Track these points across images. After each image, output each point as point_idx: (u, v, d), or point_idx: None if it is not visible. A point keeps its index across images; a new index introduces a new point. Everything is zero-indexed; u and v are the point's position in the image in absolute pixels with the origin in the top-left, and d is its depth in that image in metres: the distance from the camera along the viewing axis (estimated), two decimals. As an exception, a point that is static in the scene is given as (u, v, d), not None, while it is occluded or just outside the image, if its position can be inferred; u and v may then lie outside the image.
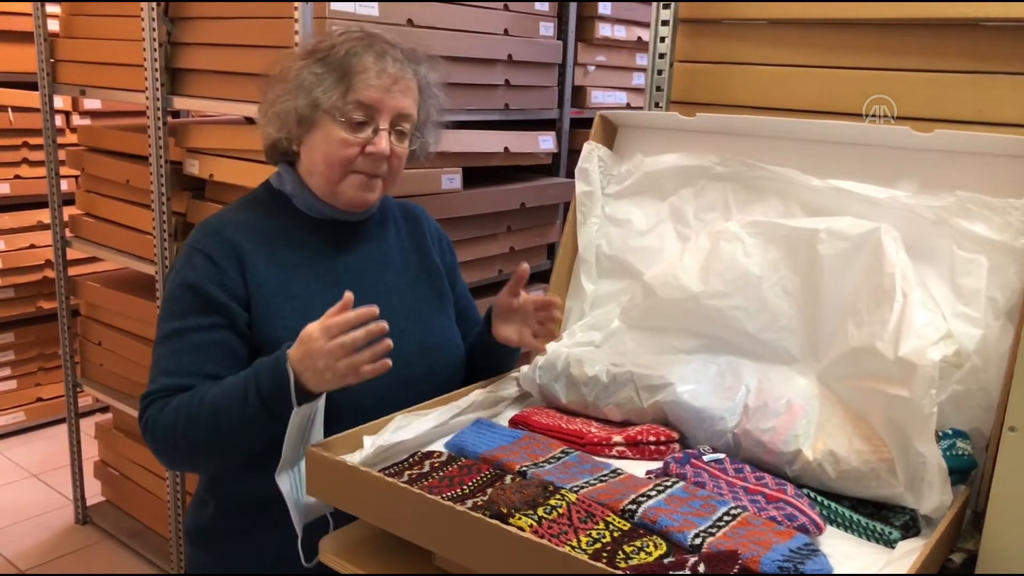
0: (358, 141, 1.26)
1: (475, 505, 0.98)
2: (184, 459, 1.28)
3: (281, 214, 1.33)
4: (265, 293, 1.26)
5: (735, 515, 1.00)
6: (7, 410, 3.60)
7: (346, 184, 1.28)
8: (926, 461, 1.00)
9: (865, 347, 1.09)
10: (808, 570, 0.89)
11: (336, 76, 1.25)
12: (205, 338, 1.23)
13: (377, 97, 1.25)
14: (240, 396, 1.16)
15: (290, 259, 1.30)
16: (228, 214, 1.34)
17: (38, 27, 2.68)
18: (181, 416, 1.19)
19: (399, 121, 1.29)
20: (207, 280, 1.24)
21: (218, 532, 1.33)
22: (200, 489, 1.39)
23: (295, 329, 1.21)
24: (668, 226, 1.44)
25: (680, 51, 1.58)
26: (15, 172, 3.46)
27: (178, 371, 1.23)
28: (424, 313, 1.39)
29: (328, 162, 1.27)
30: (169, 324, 1.26)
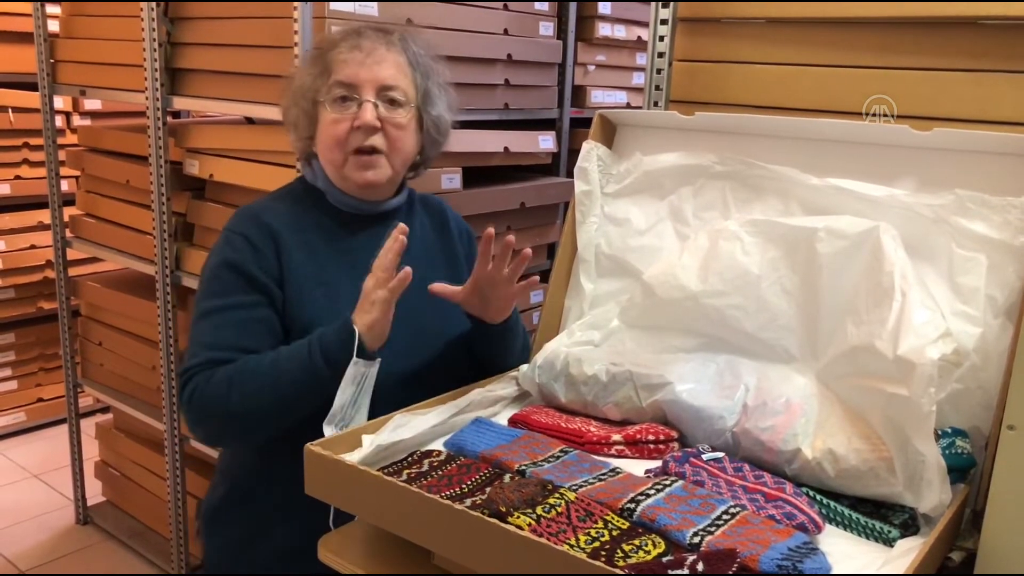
0: (346, 118, 1.30)
1: (474, 504, 0.98)
2: (233, 426, 1.27)
3: (314, 206, 1.39)
4: (298, 278, 1.30)
5: (734, 514, 1.00)
6: (8, 410, 3.60)
7: (348, 167, 1.33)
8: (925, 459, 1.00)
9: (864, 346, 1.09)
10: (807, 569, 0.89)
11: (320, 68, 1.33)
12: (248, 315, 1.27)
13: (352, 72, 1.30)
14: (303, 356, 1.21)
15: (321, 248, 1.35)
16: (265, 203, 1.39)
17: (38, 27, 2.68)
18: (235, 381, 1.22)
19: (384, 92, 1.31)
20: (248, 260, 1.28)
21: (233, 516, 1.36)
22: (216, 476, 1.44)
23: (323, 315, 1.29)
24: (667, 225, 1.44)
25: (679, 50, 1.58)
26: (15, 172, 3.47)
27: (221, 345, 1.26)
28: (444, 305, 1.40)
29: (326, 146, 1.33)
30: (211, 301, 1.29)
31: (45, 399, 3.68)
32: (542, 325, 1.49)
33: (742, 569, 0.89)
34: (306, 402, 1.23)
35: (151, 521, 2.84)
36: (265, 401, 1.21)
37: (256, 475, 1.34)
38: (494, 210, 2.51)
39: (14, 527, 2.94)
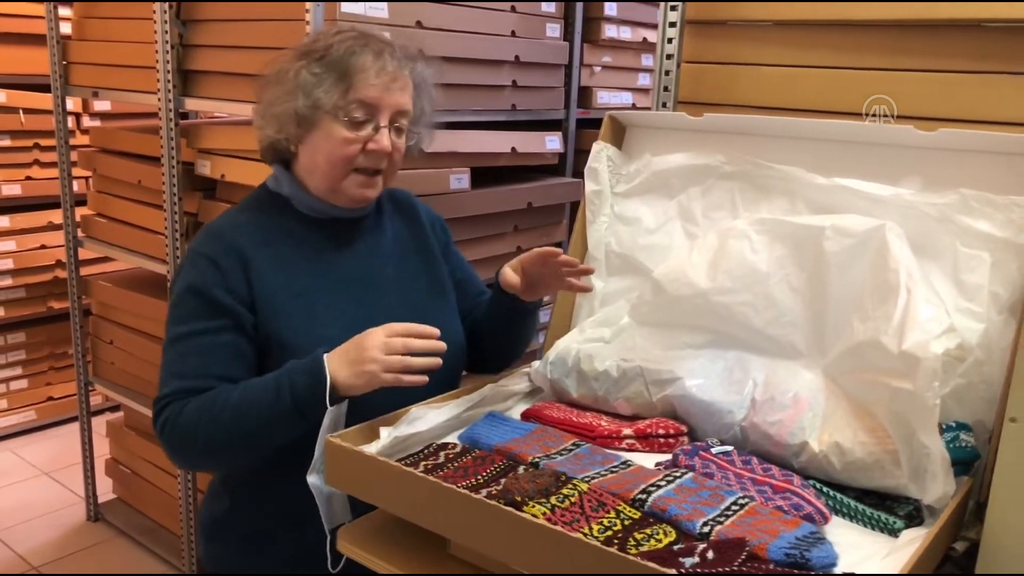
0: (360, 139, 1.28)
1: (489, 494, 1.00)
2: (204, 458, 1.29)
3: (281, 215, 1.34)
4: (269, 293, 1.27)
5: (743, 504, 1.03)
6: (19, 409, 3.63)
7: (348, 182, 1.30)
8: (929, 452, 1.03)
9: (870, 341, 1.12)
10: (814, 557, 0.92)
11: (335, 76, 1.26)
12: (213, 340, 1.25)
13: (377, 95, 1.27)
14: (272, 395, 1.18)
15: (292, 259, 1.31)
16: (229, 217, 1.35)
17: (51, 29, 2.71)
18: (204, 415, 1.20)
19: (398, 118, 1.31)
20: (212, 284, 1.25)
21: (233, 526, 1.35)
22: (215, 483, 1.42)
23: (299, 328, 1.27)
24: (676, 224, 1.47)
25: (687, 52, 1.61)
26: (26, 173, 3.50)
27: (189, 374, 1.24)
28: (425, 304, 1.40)
29: (330, 161, 1.29)
30: (176, 328, 1.27)
31: (55, 398, 3.71)
32: (554, 322, 1.52)
33: (751, 557, 0.91)
34: (276, 436, 1.21)
35: (162, 518, 2.86)
36: (234, 435, 1.20)
37: (260, 488, 1.33)
38: (501, 210, 2.54)
39: (25, 524, 2.97)
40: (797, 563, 0.90)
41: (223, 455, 1.25)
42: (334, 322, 1.29)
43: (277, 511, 1.31)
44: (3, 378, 3.58)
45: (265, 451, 1.24)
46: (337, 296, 1.31)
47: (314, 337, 1.25)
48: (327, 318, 1.29)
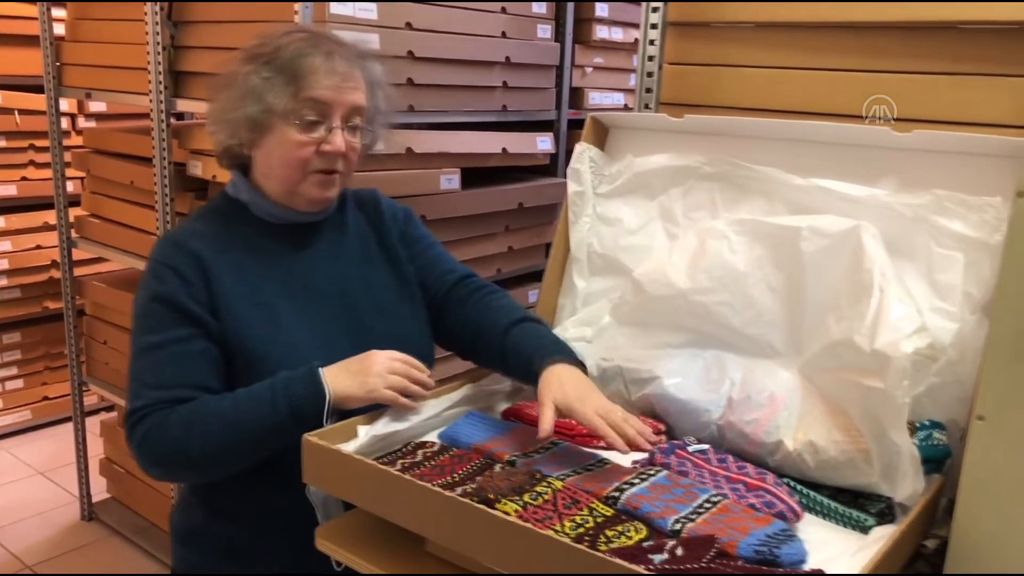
0: (313, 140, 1.25)
1: (464, 492, 1.01)
2: (191, 469, 1.25)
3: (239, 222, 1.32)
4: (231, 301, 1.25)
5: (715, 502, 1.04)
6: (14, 409, 3.64)
7: (305, 185, 1.28)
8: (900, 450, 1.04)
9: (844, 340, 1.13)
10: (783, 554, 0.93)
11: (286, 78, 1.24)
12: (186, 349, 1.22)
13: (329, 95, 1.24)
14: (267, 405, 1.18)
15: (251, 267, 1.29)
16: (188, 226, 1.33)
17: (44, 31, 2.72)
18: (195, 427, 1.18)
19: (351, 116, 1.28)
20: (177, 292, 1.23)
21: (211, 537, 1.34)
22: (185, 493, 1.41)
23: (263, 337, 1.25)
24: (657, 225, 1.48)
25: (670, 53, 1.62)
26: (21, 174, 3.51)
27: (165, 384, 1.21)
28: (390, 305, 1.37)
29: (285, 164, 1.27)
30: (146, 338, 1.24)
31: (50, 397, 3.72)
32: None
33: (720, 554, 0.92)
34: (268, 446, 1.20)
35: (155, 517, 2.87)
36: (225, 445, 1.18)
37: (236, 500, 1.31)
38: (492, 210, 2.55)
39: (20, 523, 2.98)
40: (767, 560, 0.91)
41: (212, 465, 1.22)
42: (297, 329, 1.27)
43: (255, 522, 1.30)
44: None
45: (255, 460, 1.22)
46: (299, 302, 1.29)
47: (278, 345, 1.24)
48: (290, 325, 1.27)
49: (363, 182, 2.17)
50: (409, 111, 2.28)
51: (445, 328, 1.41)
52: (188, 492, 1.40)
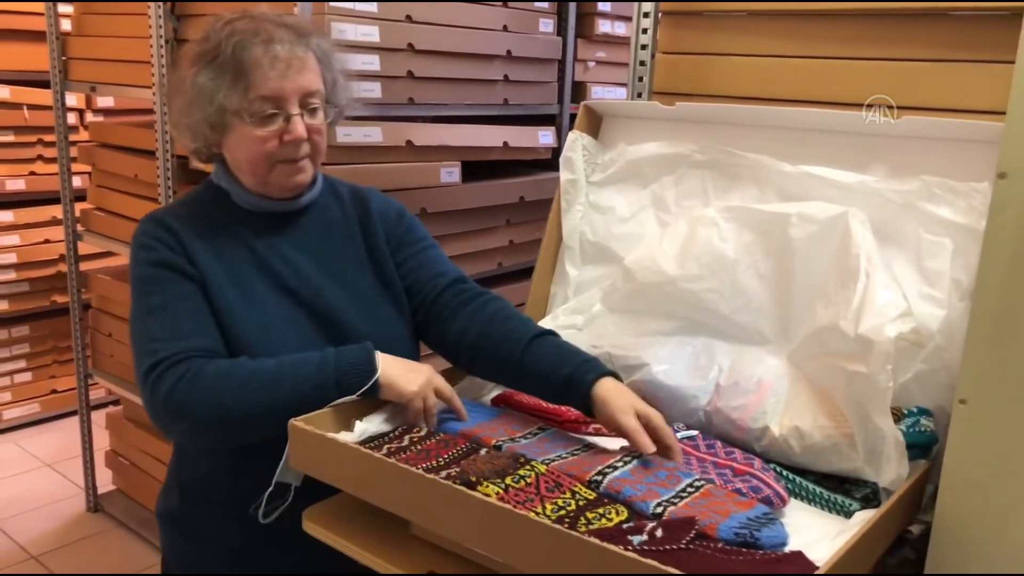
0: (273, 133, 1.23)
1: (448, 475, 1.02)
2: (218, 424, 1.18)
3: (220, 209, 1.32)
4: (209, 276, 1.25)
5: (698, 487, 1.04)
6: (23, 402, 3.68)
7: (275, 175, 1.28)
8: (884, 435, 1.04)
9: (830, 326, 1.13)
10: (763, 537, 0.93)
11: (231, 77, 1.22)
12: (194, 305, 1.22)
13: (277, 85, 1.22)
14: (314, 367, 1.18)
15: (228, 251, 1.29)
16: (169, 208, 1.34)
17: (50, 26, 2.75)
18: (232, 377, 1.16)
19: (307, 100, 1.26)
20: (172, 257, 1.24)
21: (181, 520, 1.36)
22: (169, 476, 1.42)
23: (240, 316, 1.24)
24: (649, 213, 1.48)
25: (663, 43, 1.62)
26: (30, 169, 3.54)
27: (184, 335, 1.19)
28: (370, 303, 1.35)
29: (250, 160, 1.26)
30: (150, 300, 1.23)
31: (59, 391, 3.76)
32: (528, 311, 1.54)
33: (700, 536, 0.92)
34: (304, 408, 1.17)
35: (159, 509, 2.90)
36: (264, 399, 1.16)
37: (204, 481, 1.33)
38: (493, 204, 2.56)
39: (27, 514, 3.01)
40: (747, 543, 0.91)
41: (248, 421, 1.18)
42: (273, 312, 1.27)
43: (218, 509, 1.32)
44: (7, 371, 3.62)
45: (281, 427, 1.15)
46: (273, 290, 1.29)
47: (253, 325, 1.24)
48: (266, 307, 1.26)
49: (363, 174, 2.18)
50: (409, 104, 2.28)
51: (436, 333, 1.37)
52: (169, 475, 1.41)
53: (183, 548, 1.37)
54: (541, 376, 1.23)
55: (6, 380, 3.63)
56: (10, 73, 3.45)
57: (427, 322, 1.38)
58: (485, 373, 1.35)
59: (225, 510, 1.30)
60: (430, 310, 1.37)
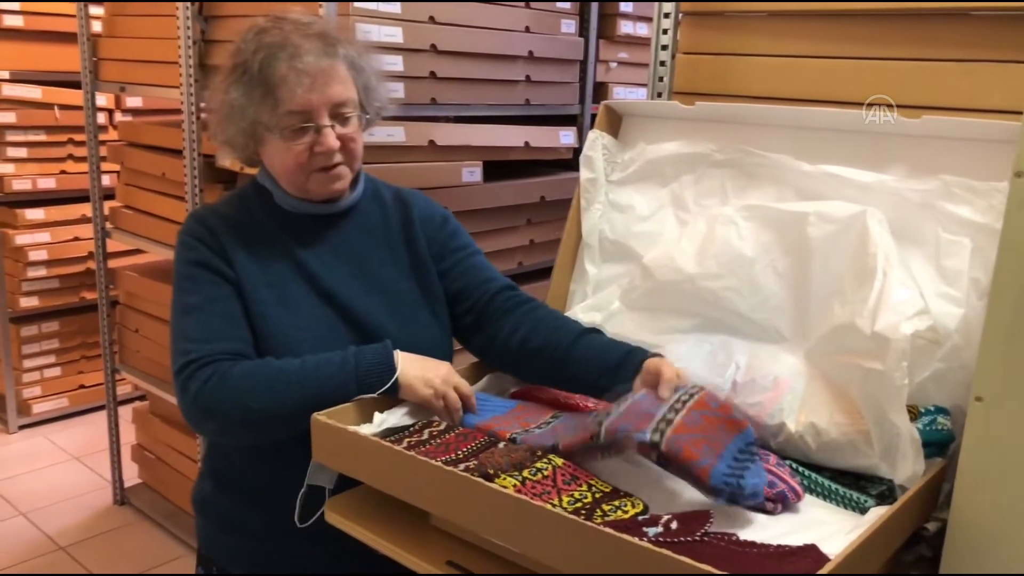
0: (305, 145, 1.25)
1: (467, 468, 1.04)
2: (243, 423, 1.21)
3: (261, 209, 1.34)
4: (245, 276, 1.28)
5: (693, 394, 1.06)
6: (52, 396, 3.75)
7: (312, 184, 1.30)
8: (899, 432, 1.04)
9: (846, 324, 1.13)
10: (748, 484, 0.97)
11: (260, 93, 1.25)
12: (228, 307, 1.26)
13: (305, 99, 1.23)
14: (336, 367, 1.20)
15: (265, 252, 1.31)
16: (212, 206, 1.37)
17: (81, 28, 2.81)
18: (257, 378, 1.19)
19: (337, 109, 1.27)
20: (210, 257, 1.28)
21: (214, 507, 1.40)
22: (203, 465, 1.46)
23: (272, 316, 1.27)
24: (668, 212, 1.49)
25: (683, 43, 1.63)
26: (61, 167, 3.61)
27: (214, 337, 1.23)
28: (405, 308, 1.36)
29: (286, 171, 1.29)
30: (186, 299, 1.27)
31: (86, 386, 3.82)
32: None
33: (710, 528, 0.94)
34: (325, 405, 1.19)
35: (184, 503, 2.94)
36: (286, 400, 1.19)
37: (234, 471, 1.36)
38: (514, 203, 2.57)
39: (55, 506, 3.07)
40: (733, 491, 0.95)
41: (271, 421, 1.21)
42: (305, 314, 1.29)
43: (247, 499, 1.35)
44: (37, 366, 3.69)
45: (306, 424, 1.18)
46: (309, 291, 1.31)
47: (284, 326, 1.27)
48: (298, 309, 1.29)
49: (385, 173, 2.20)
50: (432, 104, 2.31)
51: (486, 336, 1.38)
52: (203, 463, 1.46)
53: (216, 535, 1.41)
54: (590, 361, 1.25)
55: (36, 375, 3.70)
56: (42, 74, 3.52)
57: (476, 326, 1.39)
58: (533, 371, 1.34)
59: (254, 500, 1.34)
60: (481, 314, 1.39)
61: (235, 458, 1.35)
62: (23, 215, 3.50)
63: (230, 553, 1.39)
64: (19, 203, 3.54)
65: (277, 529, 1.27)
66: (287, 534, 1.20)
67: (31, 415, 3.69)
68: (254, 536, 1.35)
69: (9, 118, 3.42)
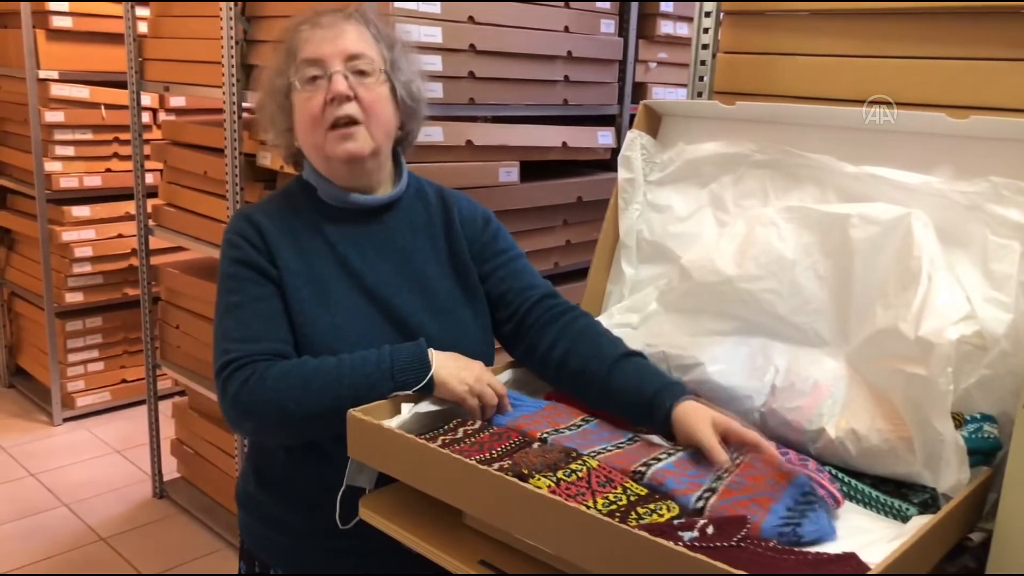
0: (318, 94, 1.27)
1: (501, 468, 1.03)
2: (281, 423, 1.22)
3: (307, 205, 1.36)
4: (288, 274, 1.29)
5: (738, 462, 1.03)
6: (95, 390, 3.82)
7: (328, 144, 1.29)
8: (943, 439, 1.02)
9: (889, 328, 1.11)
10: (806, 532, 0.92)
11: (285, 56, 1.32)
12: (269, 306, 1.27)
13: (316, 47, 1.28)
14: (372, 366, 1.21)
15: (310, 247, 1.32)
16: (259, 204, 1.39)
17: (128, 29, 2.86)
18: (293, 378, 1.20)
19: (352, 60, 1.28)
20: (253, 256, 1.29)
21: (256, 503, 1.41)
22: (245, 461, 1.48)
23: (312, 315, 1.28)
24: (707, 212, 1.47)
25: (724, 42, 1.61)
26: (106, 166, 3.68)
27: (255, 337, 1.24)
28: (446, 307, 1.36)
29: (304, 127, 1.30)
30: (229, 299, 1.29)
31: (128, 380, 3.89)
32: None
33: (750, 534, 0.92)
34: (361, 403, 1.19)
35: (221, 498, 2.98)
36: (323, 400, 1.20)
37: (276, 468, 1.37)
38: (551, 203, 2.57)
39: (96, 498, 3.13)
40: (790, 540, 0.91)
41: (309, 421, 1.21)
42: (345, 312, 1.30)
43: (289, 496, 1.36)
44: (81, 360, 3.77)
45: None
46: (349, 288, 1.32)
47: (323, 324, 1.28)
48: (339, 307, 1.30)
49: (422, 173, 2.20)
50: (470, 104, 2.31)
51: (527, 346, 1.37)
52: (246, 460, 1.47)
53: (258, 530, 1.42)
54: (625, 394, 1.22)
55: (80, 369, 3.77)
56: (89, 74, 3.59)
57: (517, 334, 1.38)
58: (570, 389, 1.32)
59: (296, 497, 1.35)
60: (521, 323, 1.38)
61: (279, 456, 1.35)
62: (69, 212, 3.58)
63: (271, 549, 1.40)
64: (66, 200, 3.61)
65: (318, 527, 1.28)
66: (328, 532, 1.21)
67: (75, 408, 3.76)
68: (295, 533, 1.36)
69: (57, 117, 3.50)
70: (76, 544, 2.84)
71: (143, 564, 2.74)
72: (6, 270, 4.02)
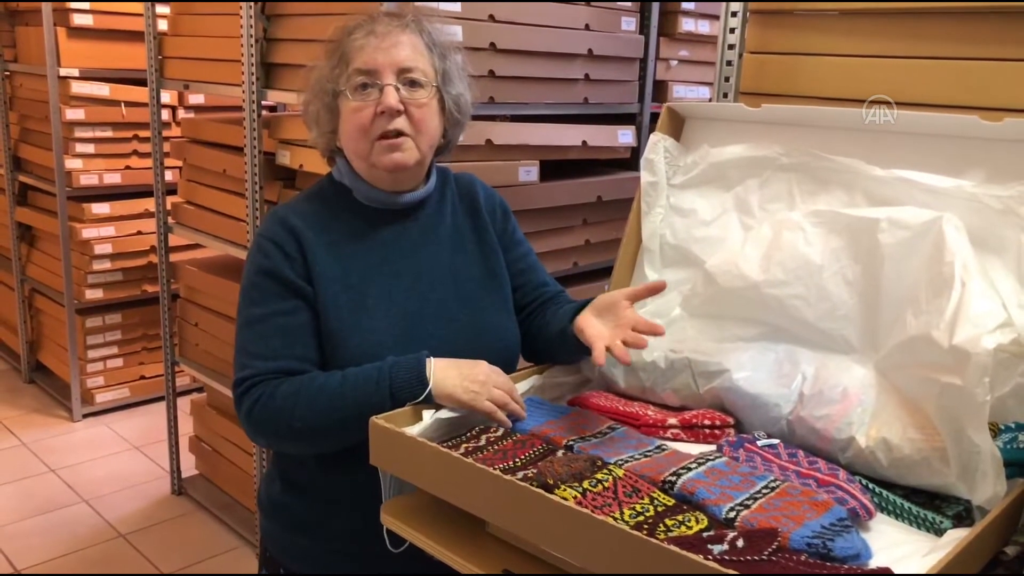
0: (368, 104, 1.27)
1: (525, 477, 1.02)
2: (294, 440, 1.27)
3: (341, 205, 1.36)
4: (324, 282, 1.29)
5: (774, 487, 1.01)
6: (114, 386, 3.84)
7: (375, 154, 1.30)
8: (980, 450, 0.99)
9: (921, 336, 1.09)
10: (837, 548, 0.90)
11: (337, 59, 1.31)
12: (291, 321, 1.27)
13: (371, 58, 1.27)
14: (372, 385, 1.21)
15: (348, 249, 1.33)
16: (293, 204, 1.38)
17: (148, 26, 2.86)
18: (300, 399, 1.22)
19: (405, 73, 1.28)
20: (282, 265, 1.28)
21: (284, 510, 1.40)
22: (271, 466, 1.47)
23: (348, 320, 1.28)
24: (732, 216, 1.45)
25: (750, 42, 1.58)
26: (126, 163, 3.69)
27: (272, 355, 1.26)
28: (476, 296, 1.38)
29: (351, 136, 1.31)
30: (251, 310, 1.29)
31: (147, 377, 3.91)
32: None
33: (780, 548, 0.90)
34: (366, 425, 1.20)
35: (239, 495, 2.99)
36: (327, 419, 1.22)
37: (304, 474, 1.36)
38: (570, 203, 2.55)
39: (115, 494, 3.15)
40: (819, 553, 0.89)
41: (315, 438, 1.25)
42: (383, 315, 1.30)
43: (321, 501, 1.35)
44: (101, 356, 3.79)
45: (355, 437, 1.20)
46: (389, 289, 1.32)
47: (360, 330, 1.28)
48: (376, 311, 1.29)
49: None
50: (490, 103, 2.30)
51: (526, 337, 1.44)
52: (271, 465, 1.46)
53: (284, 537, 1.40)
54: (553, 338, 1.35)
55: (99, 365, 3.79)
56: (110, 71, 3.60)
57: (525, 326, 1.44)
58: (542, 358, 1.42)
59: (327, 503, 1.34)
60: (530, 316, 1.44)
61: (309, 462, 1.35)
62: (89, 209, 3.60)
63: (298, 555, 1.38)
64: (86, 197, 3.63)
65: (350, 532, 1.28)
66: (359, 537, 1.21)
67: (94, 404, 3.78)
68: (326, 539, 1.35)
69: (78, 115, 3.51)
70: (95, 540, 2.86)
71: (162, 561, 2.75)
72: (27, 266, 4.04)
